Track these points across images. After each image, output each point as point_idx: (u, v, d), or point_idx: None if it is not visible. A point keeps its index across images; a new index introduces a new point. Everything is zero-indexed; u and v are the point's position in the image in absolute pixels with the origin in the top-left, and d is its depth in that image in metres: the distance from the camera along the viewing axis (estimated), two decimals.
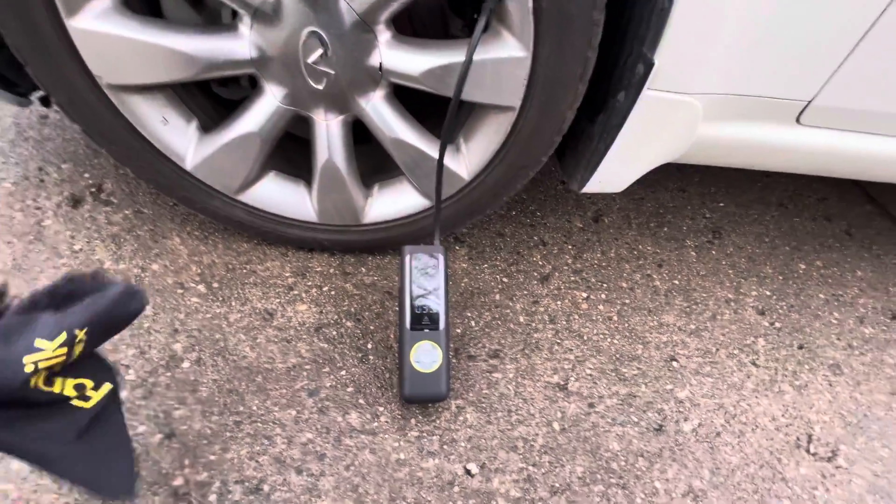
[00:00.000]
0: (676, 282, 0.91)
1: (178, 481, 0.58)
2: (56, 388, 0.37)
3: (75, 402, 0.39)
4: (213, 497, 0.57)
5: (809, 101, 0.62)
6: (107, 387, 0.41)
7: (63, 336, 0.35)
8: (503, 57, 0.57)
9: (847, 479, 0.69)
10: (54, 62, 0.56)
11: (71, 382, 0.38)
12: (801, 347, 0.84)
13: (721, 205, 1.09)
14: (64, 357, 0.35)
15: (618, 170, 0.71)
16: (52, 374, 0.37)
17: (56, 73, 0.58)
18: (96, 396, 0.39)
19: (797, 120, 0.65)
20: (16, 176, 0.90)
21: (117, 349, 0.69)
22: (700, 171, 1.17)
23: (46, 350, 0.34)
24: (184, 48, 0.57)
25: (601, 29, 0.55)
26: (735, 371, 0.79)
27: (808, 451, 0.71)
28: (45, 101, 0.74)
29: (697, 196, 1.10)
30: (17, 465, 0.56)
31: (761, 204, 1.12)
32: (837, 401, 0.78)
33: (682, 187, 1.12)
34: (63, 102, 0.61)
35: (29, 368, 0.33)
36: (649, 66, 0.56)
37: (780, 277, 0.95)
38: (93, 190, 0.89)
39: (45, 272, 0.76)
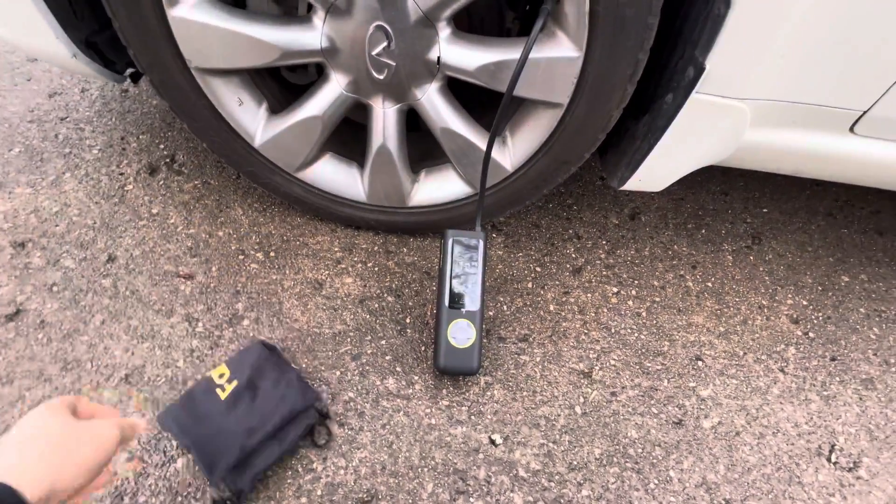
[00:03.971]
0: (709, 284, 0.92)
1: None
2: None
3: None
4: None
5: (865, 112, 0.62)
6: None
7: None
8: (556, 56, 0.60)
9: (866, 489, 0.70)
10: (153, 46, 0.64)
11: None
12: (833, 359, 0.84)
13: (764, 210, 1.08)
14: None
15: (659, 170, 0.72)
16: None
17: (153, 55, 0.65)
18: None
19: (851, 129, 0.65)
20: (102, 143, 1.00)
21: (189, 303, 0.77)
22: (745, 175, 1.15)
23: None
24: (264, 37, 0.63)
25: (654, 32, 0.56)
26: (761, 376, 0.80)
27: (828, 459, 0.72)
28: (134, 78, 0.83)
29: (740, 200, 1.09)
30: None
31: (807, 212, 1.09)
32: (866, 415, 0.78)
33: (724, 190, 1.10)
34: (156, 82, 0.69)
35: None
36: (700, 69, 0.58)
37: (820, 288, 0.94)
38: (167, 160, 0.98)
39: (128, 231, 0.86)
